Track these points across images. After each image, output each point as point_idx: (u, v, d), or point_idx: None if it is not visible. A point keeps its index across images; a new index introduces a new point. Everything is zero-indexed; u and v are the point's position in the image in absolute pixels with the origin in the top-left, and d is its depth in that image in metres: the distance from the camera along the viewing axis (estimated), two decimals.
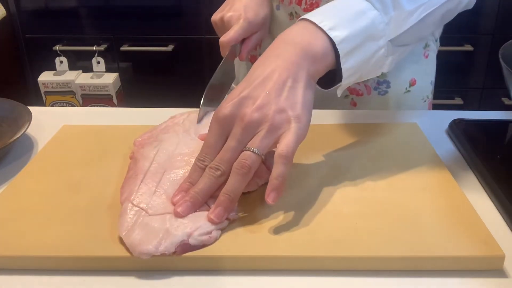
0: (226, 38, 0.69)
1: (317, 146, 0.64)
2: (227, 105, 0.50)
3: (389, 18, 0.55)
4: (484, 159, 0.61)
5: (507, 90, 0.62)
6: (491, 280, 0.46)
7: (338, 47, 0.52)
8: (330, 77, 0.56)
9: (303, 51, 0.52)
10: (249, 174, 0.49)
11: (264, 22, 0.74)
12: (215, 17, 0.76)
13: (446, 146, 0.68)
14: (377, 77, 0.81)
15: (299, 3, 0.77)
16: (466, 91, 1.91)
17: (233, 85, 0.76)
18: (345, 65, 0.53)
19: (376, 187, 0.56)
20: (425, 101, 0.88)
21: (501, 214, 0.54)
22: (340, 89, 0.58)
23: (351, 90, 0.83)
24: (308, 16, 0.55)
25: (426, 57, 0.85)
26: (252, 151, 0.48)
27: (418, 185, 0.56)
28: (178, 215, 0.49)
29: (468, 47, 1.79)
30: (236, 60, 0.74)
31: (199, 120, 0.63)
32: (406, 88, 0.84)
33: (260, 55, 0.85)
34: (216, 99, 0.65)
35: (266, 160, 0.57)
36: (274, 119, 0.49)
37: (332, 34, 0.52)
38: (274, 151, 0.55)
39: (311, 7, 0.75)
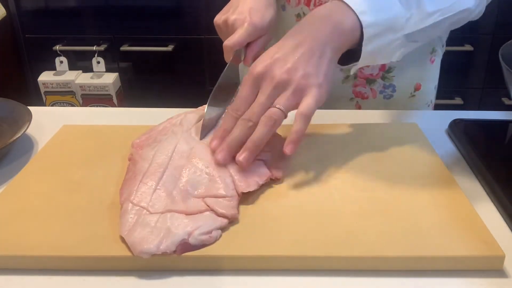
0: (230, 43, 0.67)
1: (317, 145, 0.64)
2: (261, 64, 0.57)
3: (410, 15, 0.60)
4: (484, 159, 0.61)
5: (507, 90, 0.62)
6: (491, 280, 0.46)
7: (364, 30, 0.57)
8: (346, 57, 0.61)
9: (334, 27, 0.57)
10: (274, 127, 0.56)
11: (270, 26, 0.72)
12: (218, 20, 0.73)
13: (446, 146, 0.68)
14: (383, 80, 0.82)
15: (308, 4, 0.78)
16: (466, 91, 1.91)
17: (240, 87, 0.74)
18: (366, 48, 0.59)
19: (376, 187, 0.56)
20: (428, 106, 0.89)
21: (501, 214, 0.54)
22: (354, 69, 0.63)
23: (356, 93, 0.83)
24: None
25: (432, 62, 0.86)
26: (278, 108, 0.55)
27: (418, 185, 0.56)
28: (218, 162, 0.55)
29: (468, 47, 1.79)
30: (241, 64, 0.74)
31: (204, 131, 0.61)
32: (411, 93, 0.85)
33: None
34: (220, 107, 0.65)
35: (267, 161, 0.57)
36: (299, 82, 0.55)
37: (362, 18, 0.57)
38: (274, 154, 0.58)
39: None
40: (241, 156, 0.55)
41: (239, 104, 0.58)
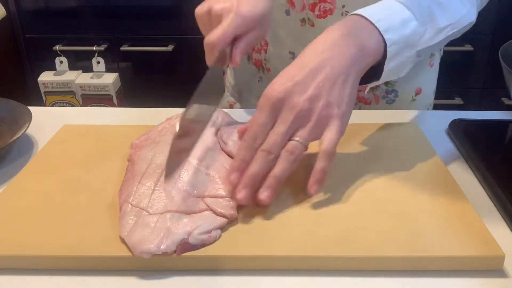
0: (213, 38, 0.57)
1: (317, 146, 0.64)
2: (280, 88, 0.52)
3: (424, 30, 0.58)
4: (484, 159, 0.61)
5: (507, 90, 0.62)
6: (491, 280, 0.46)
7: (388, 49, 0.55)
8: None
9: (360, 48, 0.54)
10: (296, 162, 0.52)
11: (262, 18, 0.60)
12: (201, 9, 0.62)
13: (446, 146, 0.68)
14: (386, 86, 0.82)
15: (313, 10, 0.76)
16: (466, 91, 1.91)
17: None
18: (388, 66, 0.57)
19: (376, 187, 0.56)
20: (428, 109, 0.89)
21: (501, 214, 0.54)
22: (369, 87, 0.63)
23: (359, 99, 0.83)
24: (362, 12, 0.56)
25: (431, 66, 0.86)
26: (300, 142, 0.51)
27: (418, 185, 0.56)
28: (240, 203, 0.51)
29: (468, 47, 1.79)
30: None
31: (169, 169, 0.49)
32: (412, 97, 0.85)
33: (265, 59, 0.85)
34: (199, 121, 0.55)
35: None
36: (321, 113, 0.52)
37: (386, 36, 0.55)
38: None
39: (325, 14, 0.75)
40: (263, 195, 0.51)
41: (257, 132, 0.52)
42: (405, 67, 0.60)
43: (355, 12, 0.57)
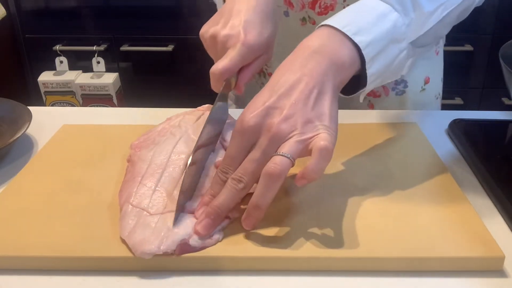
0: (219, 68, 0.56)
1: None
2: (251, 115, 0.47)
3: (409, 20, 0.54)
4: (484, 159, 0.61)
5: (507, 90, 0.62)
6: (491, 281, 0.46)
7: (363, 52, 0.51)
8: (351, 82, 0.54)
9: (330, 61, 0.50)
10: (280, 180, 0.46)
11: (268, 44, 0.59)
12: (206, 33, 0.60)
13: (446, 146, 0.68)
14: None
15: (313, 7, 0.75)
16: (466, 91, 1.91)
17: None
18: (370, 70, 0.52)
19: (375, 187, 0.56)
20: (437, 98, 0.88)
21: (501, 214, 0.54)
22: (362, 95, 0.57)
23: (368, 92, 0.83)
24: (329, 21, 0.53)
25: (437, 54, 0.85)
26: (284, 155, 0.45)
27: (418, 185, 0.56)
28: (198, 234, 0.47)
29: (468, 47, 1.79)
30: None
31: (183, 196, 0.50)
32: (421, 87, 0.84)
33: (267, 65, 0.83)
34: (205, 154, 0.55)
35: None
36: (302, 129, 0.47)
37: (357, 39, 0.51)
38: None
39: (325, 11, 0.74)
40: (244, 223, 0.48)
41: (228, 163, 0.49)
42: (401, 63, 0.55)
43: (322, 23, 0.53)
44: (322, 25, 0.53)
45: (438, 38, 0.66)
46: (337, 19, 0.53)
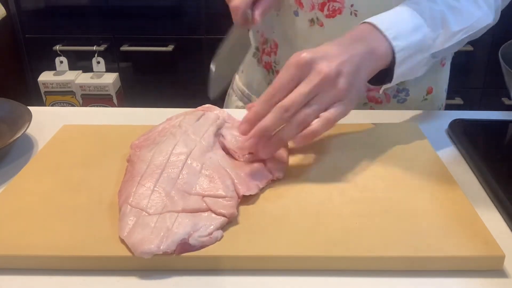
0: (236, 2, 0.63)
1: (317, 146, 0.64)
2: (310, 53, 0.54)
3: (437, 35, 0.62)
4: (484, 159, 0.61)
5: (507, 90, 0.62)
6: (491, 280, 0.46)
7: (396, 55, 0.59)
8: (375, 76, 0.61)
9: (370, 49, 0.58)
10: (319, 132, 0.54)
11: None
12: None
13: (446, 146, 0.68)
14: (397, 85, 0.82)
15: (322, 9, 0.76)
16: (466, 91, 1.91)
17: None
18: (397, 71, 0.60)
19: (376, 187, 0.56)
20: (440, 109, 0.88)
21: (501, 214, 0.54)
22: (383, 88, 0.65)
23: (370, 98, 0.83)
24: (373, 20, 0.60)
25: (443, 65, 0.86)
26: (313, 112, 0.53)
27: (418, 185, 0.56)
28: (246, 150, 0.56)
29: (468, 47, 1.79)
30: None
31: (213, 94, 0.60)
32: (423, 96, 0.85)
33: (275, 62, 0.85)
34: (229, 67, 0.63)
35: (267, 163, 0.57)
36: (341, 88, 0.54)
37: (394, 43, 0.59)
38: (274, 154, 0.58)
39: (333, 14, 0.75)
40: (262, 151, 0.55)
41: (277, 89, 0.54)
42: (420, 69, 0.63)
43: (365, 20, 0.61)
44: (366, 22, 0.61)
45: (449, 53, 0.74)
46: (381, 20, 0.60)
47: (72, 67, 1.91)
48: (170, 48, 1.86)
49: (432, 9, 0.62)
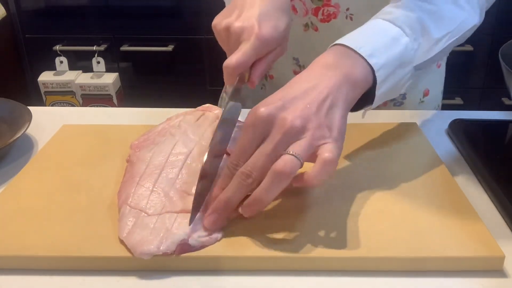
0: (233, 62, 0.53)
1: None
2: (266, 107, 0.47)
3: (418, 45, 0.55)
4: (484, 159, 0.61)
5: (507, 90, 0.62)
6: (491, 280, 0.46)
7: (376, 74, 0.52)
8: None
9: (344, 77, 0.50)
10: (288, 180, 0.45)
11: (283, 37, 0.57)
12: (219, 24, 0.58)
13: (446, 146, 0.68)
14: None
15: (316, 14, 0.74)
16: (466, 91, 1.91)
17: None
18: (379, 91, 0.53)
19: (376, 187, 0.56)
20: (436, 110, 0.88)
21: (501, 214, 0.54)
22: (365, 112, 0.58)
23: None
24: (343, 41, 0.53)
25: (438, 67, 0.86)
26: (294, 156, 0.45)
27: (418, 185, 0.56)
28: (206, 229, 0.47)
29: (468, 47, 1.79)
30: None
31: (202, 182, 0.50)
32: (420, 99, 0.84)
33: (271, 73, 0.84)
34: (219, 154, 0.54)
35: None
36: (314, 132, 0.47)
37: (372, 61, 0.51)
38: None
39: (328, 18, 0.74)
40: (246, 213, 0.48)
41: (239, 156, 0.48)
42: (403, 86, 0.57)
43: (336, 42, 0.54)
44: (336, 44, 0.53)
45: (435, 62, 0.67)
46: (352, 39, 0.53)
47: (72, 67, 1.91)
48: (170, 48, 1.86)
49: (409, 17, 0.55)
